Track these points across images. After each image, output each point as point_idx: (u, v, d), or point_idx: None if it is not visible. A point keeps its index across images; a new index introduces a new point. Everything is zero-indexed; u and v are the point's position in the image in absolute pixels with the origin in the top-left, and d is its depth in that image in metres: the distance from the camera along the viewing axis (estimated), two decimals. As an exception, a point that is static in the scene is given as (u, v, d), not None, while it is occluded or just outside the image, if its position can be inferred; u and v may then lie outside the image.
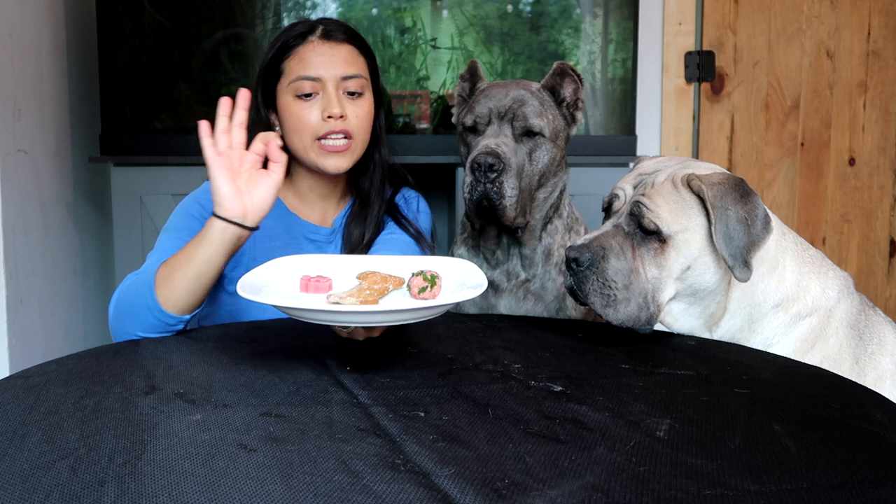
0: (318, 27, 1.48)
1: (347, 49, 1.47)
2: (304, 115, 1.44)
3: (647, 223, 1.21)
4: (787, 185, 2.77)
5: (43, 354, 2.03)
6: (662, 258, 1.21)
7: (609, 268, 1.20)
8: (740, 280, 1.19)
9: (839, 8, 2.71)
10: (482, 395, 0.97)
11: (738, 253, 1.18)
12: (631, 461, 0.78)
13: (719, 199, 1.19)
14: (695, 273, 1.22)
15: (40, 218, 2.06)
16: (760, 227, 1.20)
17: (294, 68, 1.46)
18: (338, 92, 1.44)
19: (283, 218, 1.53)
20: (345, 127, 1.44)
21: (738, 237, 1.18)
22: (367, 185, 1.55)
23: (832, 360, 1.27)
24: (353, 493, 0.71)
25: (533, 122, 1.46)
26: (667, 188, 1.23)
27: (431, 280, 1.08)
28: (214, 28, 2.20)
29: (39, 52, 2.08)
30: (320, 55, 1.45)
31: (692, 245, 1.21)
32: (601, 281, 1.20)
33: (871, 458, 0.80)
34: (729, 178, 1.22)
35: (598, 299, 1.21)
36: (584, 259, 1.21)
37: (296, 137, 1.47)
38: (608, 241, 1.22)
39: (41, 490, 0.72)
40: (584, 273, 1.21)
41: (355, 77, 1.46)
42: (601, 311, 1.22)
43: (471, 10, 2.25)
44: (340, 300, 1.06)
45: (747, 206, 1.19)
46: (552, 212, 1.54)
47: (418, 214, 1.59)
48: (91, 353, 1.16)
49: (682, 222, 1.21)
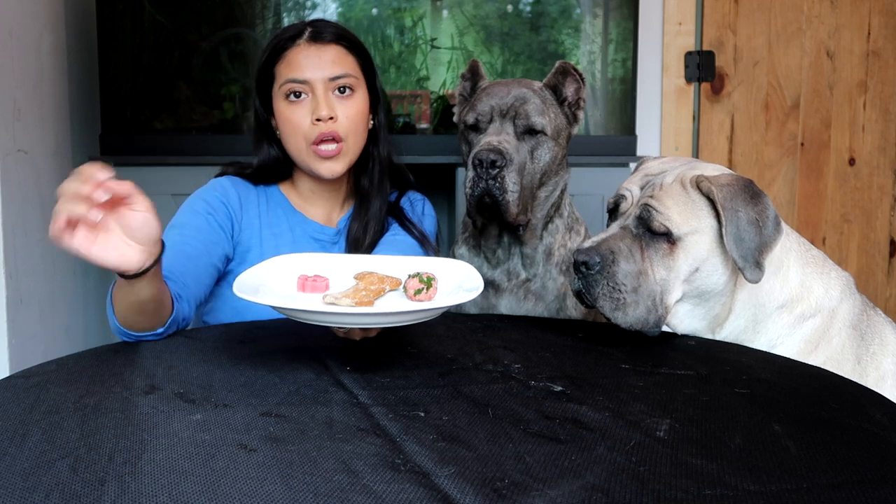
0: (307, 30, 1.48)
1: (335, 50, 1.48)
2: (296, 119, 1.45)
3: (657, 225, 1.20)
4: (787, 185, 2.77)
5: (43, 354, 2.03)
6: (671, 260, 1.21)
7: (619, 271, 1.19)
8: (751, 281, 1.18)
9: (839, 8, 2.71)
10: (482, 395, 0.97)
11: (749, 254, 1.17)
12: (631, 461, 0.78)
13: (729, 200, 1.18)
14: (703, 275, 1.22)
15: (40, 218, 2.06)
16: (772, 227, 1.19)
17: (283, 72, 1.47)
18: (326, 93, 1.45)
19: (289, 216, 1.54)
20: (334, 129, 1.44)
21: (749, 238, 1.18)
22: (367, 184, 1.56)
23: (835, 361, 1.27)
24: (353, 493, 0.71)
25: (535, 120, 1.46)
26: (676, 189, 1.22)
27: (427, 282, 1.08)
28: (214, 28, 2.20)
29: (39, 52, 2.08)
30: (307, 57, 1.46)
31: (701, 246, 1.21)
32: (611, 284, 1.19)
33: (871, 458, 0.80)
34: (738, 180, 1.21)
35: (607, 303, 1.20)
36: (593, 262, 1.20)
37: (291, 141, 1.47)
38: (617, 244, 1.21)
39: (41, 489, 0.72)
40: (593, 277, 1.20)
41: (343, 77, 1.46)
42: (610, 314, 1.20)
43: (471, 10, 2.25)
44: (336, 301, 1.06)
45: (758, 208, 1.19)
46: (553, 211, 1.54)
47: (423, 217, 1.60)
48: (91, 353, 1.16)
49: (692, 224, 1.20)
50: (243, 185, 1.53)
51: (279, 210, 1.54)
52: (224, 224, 1.46)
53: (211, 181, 1.52)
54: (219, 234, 1.45)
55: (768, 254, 1.19)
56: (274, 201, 1.55)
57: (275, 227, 1.52)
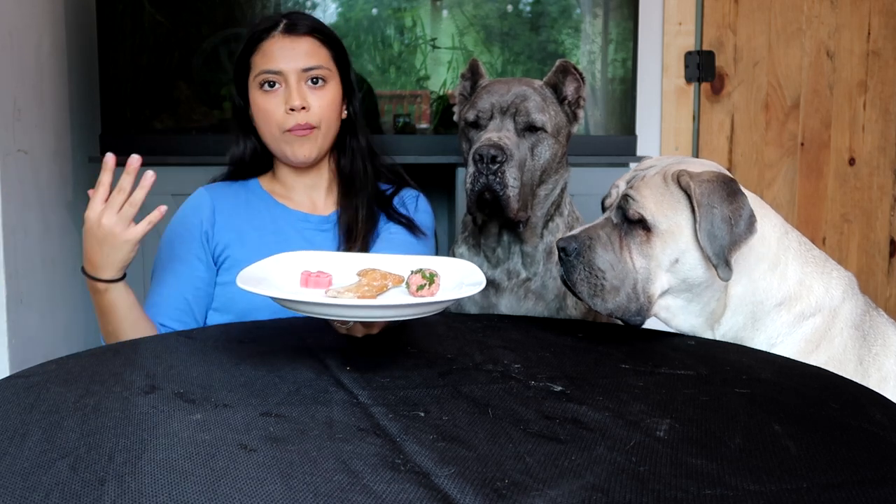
0: (282, 22, 1.52)
1: (308, 42, 1.51)
2: (270, 107, 1.49)
3: (632, 213, 1.23)
4: (787, 185, 2.77)
5: (43, 354, 2.02)
6: (648, 248, 1.23)
7: (596, 257, 1.23)
8: (723, 279, 1.20)
9: (839, 8, 2.71)
10: (482, 395, 0.97)
11: (720, 251, 1.19)
12: (631, 461, 0.78)
13: (706, 196, 1.20)
14: (685, 267, 1.23)
15: (40, 218, 2.06)
16: (744, 227, 1.20)
17: (259, 62, 1.50)
18: (299, 84, 1.48)
19: (271, 209, 1.57)
20: (307, 120, 1.48)
21: (721, 236, 1.19)
22: (348, 168, 1.59)
23: (837, 361, 1.27)
24: (353, 493, 0.71)
25: (535, 118, 1.46)
26: (656, 182, 1.25)
27: (430, 278, 1.08)
28: (214, 28, 2.20)
29: (39, 52, 2.08)
30: (282, 49, 1.49)
31: (679, 238, 1.22)
32: (587, 270, 1.23)
33: (871, 458, 0.80)
34: (718, 177, 1.22)
35: (585, 288, 1.24)
36: (570, 248, 1.24)
37: (265, 129, 1.51)
38: (596, 232, 1.25)
39: (41, 489, 0.72)
40: (571, 262, 1.24)
41: (316, 68, 1.50)
42: (589, 300, 1.24)
43: (471, 10, 2.25)
44: (338, 295, 1.06)
45: (733, 206, 1.20)
46: (553, 210, 1.55)
47: (417, 213, 1.61)
48: (91, 353, 1.16)
49: (668, 214, 1.23)
50: (221, 187, 1.58)
51: (260, 204, 1.57)
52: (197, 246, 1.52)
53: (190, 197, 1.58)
54: (195, 263, 1.51)
55: (736, 252, 1.20)
56: (255, 196, 1.58)
57: (255, 220, 1.54)
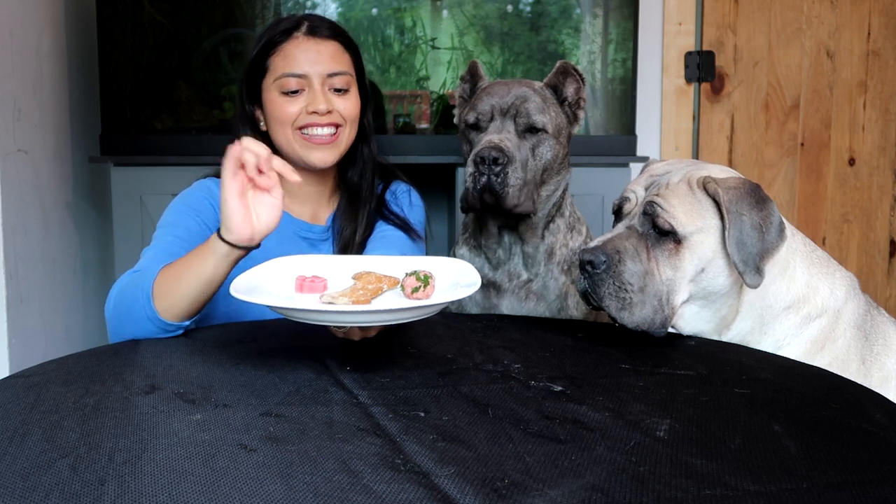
0: (304, 23, 1.48)
1: (333, 45, 1.48)
2: (289, 111, 1.45)
3: (662, 223, 1.20)
4: (787, 185, 2.77)
5: (43, 354, 2.02)
6: (677, 259, 1.20)
7: (625, 270, 1.19)
8: (750, 286, 1.18)
9: (839, 8, 2.71)
10: (482, 395, 0.97)
11: (749, 259, 1.17)
12: (631, 461, 0.78)
13: (735, 203, 1.18)
14: (709, 276, 1.22)
15: (40, 218, 2.06)
16: (775, 234, 1.19)
17: (279, 65, 1.46)
18: (323, 88, 1.45)
19: None
20: (332, 120, 1.44)
21: (751, 243, 1.17)
22: (357, 179, 1.55)
23: (840, 362, 1.27)
24: (353, 493, 0.71)
25: (536, 119, 1.46)
26: (682, 189, 1.22)
27: (425, 280, 1.08)
28: (214, 28, 2.20)
29: (39, 52, 2.08)
30: (305, 51, 1.45)
31: (706, 247, 1.20)
32: (617, 284, 1.18)
33: (871, 458, 0.80)
34: (745, 183, 1.21)
35: (613, 302, 1.19)
36: (598, 262, 1.19)
37: (279, 131, 1.47)
38: (622, 244, 1.21)
39: (41, 489, 0.72)
40: (599, 276, 1.19)
41: (341, 74, 1.46)
42: (616, 314, 1.20)
43: (471, 10, 2.25)
44: (333, 300, 1.06)
45: (763, 213, 1.19)
46: (555, 210, 1.55)
47: (411, 208, 1.58)
48: (91, 353, 1.16)
49: (697, 223, 1.20)
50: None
51: None
52: (211, 225, 1.44)
53: (195, 183, 1.51)
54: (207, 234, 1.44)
55: (770, 260, 1.19)
56: None
57: None
